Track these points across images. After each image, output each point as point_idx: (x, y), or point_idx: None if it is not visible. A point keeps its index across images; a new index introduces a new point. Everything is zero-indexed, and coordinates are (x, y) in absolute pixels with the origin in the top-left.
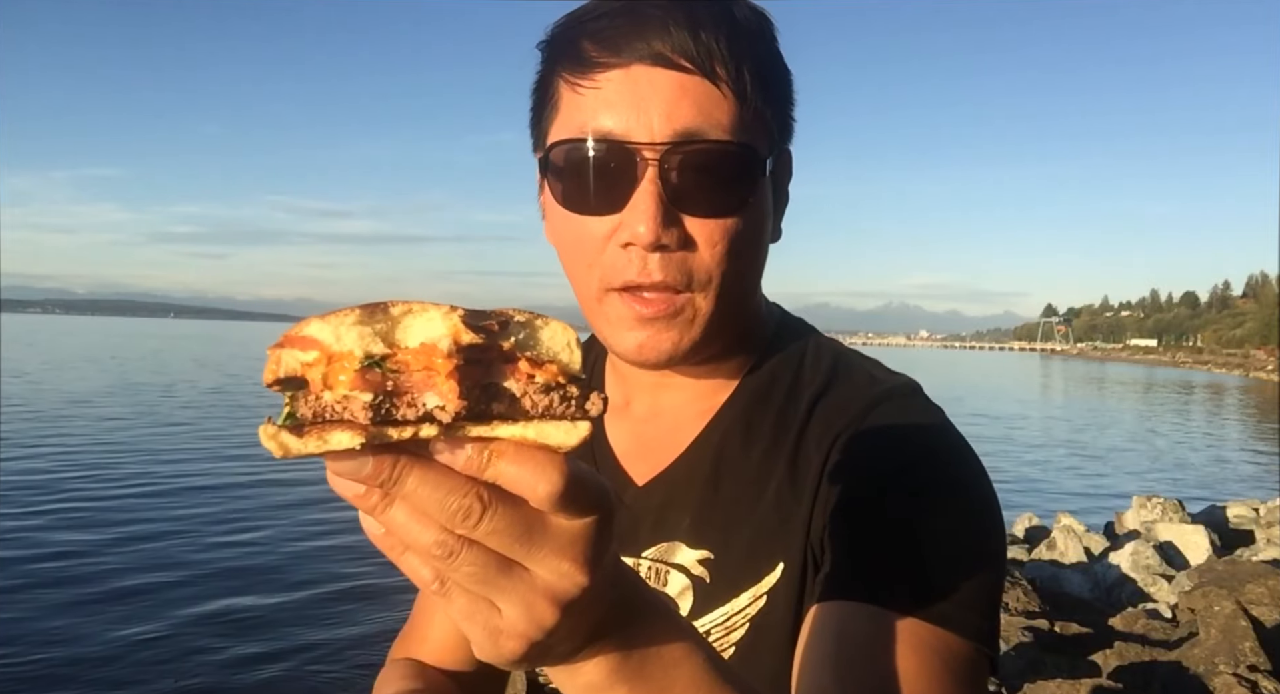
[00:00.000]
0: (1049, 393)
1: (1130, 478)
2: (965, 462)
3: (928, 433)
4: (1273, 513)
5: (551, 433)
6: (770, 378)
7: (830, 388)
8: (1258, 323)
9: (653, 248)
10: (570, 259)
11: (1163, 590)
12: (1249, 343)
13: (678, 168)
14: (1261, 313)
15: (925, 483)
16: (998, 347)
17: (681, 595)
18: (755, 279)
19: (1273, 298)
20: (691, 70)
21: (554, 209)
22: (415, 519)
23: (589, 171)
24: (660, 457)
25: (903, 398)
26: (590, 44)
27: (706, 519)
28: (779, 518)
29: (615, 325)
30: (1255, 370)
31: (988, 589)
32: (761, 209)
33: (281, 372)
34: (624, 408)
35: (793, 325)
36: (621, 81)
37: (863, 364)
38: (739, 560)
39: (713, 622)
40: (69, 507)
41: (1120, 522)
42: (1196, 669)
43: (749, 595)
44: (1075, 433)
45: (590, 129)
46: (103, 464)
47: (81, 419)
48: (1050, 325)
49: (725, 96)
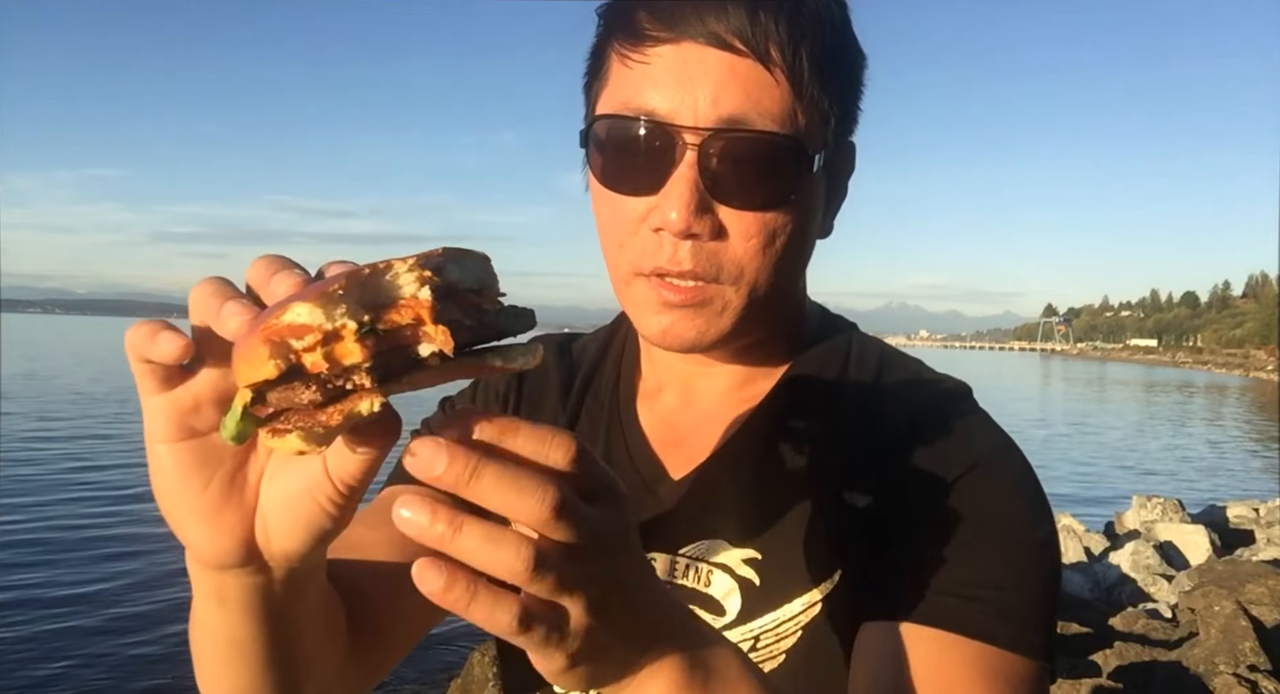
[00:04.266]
0: (1049, 393)
1: (1130, 478)
2: (1024, 469)
3: (985, 439)
4: (1273, 513)
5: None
6: (816, 373)
7: (880, 387)
8: (1258, 323)
9: (684, 236)
10: (605, 236)
11: (1163, 590)
12: (1249, 343)
13: (718, 155)
14: (1261, 313)
15: (990, 494)
16: (998, 347)
17: (727, 597)
18: (794, 275)
19: (1273, 298)
20: (745, 52)
21: (594, 183)
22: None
23: (628, 149)
24: (695, 447)
25: (955, 399)
26: (646, 15)
27: (751, 517)
28: (835, 522)
29: (641, 308)
30: (1255, 370)
31: (1051, 604)
32: (807, 205)
33: (273, 372)
34: (656, 394)
35: (834, 321)
36: (671, 59)
37: (909, 363)
38: (791, 564)
39: (763, 627)
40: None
41: (1120, 522)
42: (1196, 669)
43: (803, 601)
44: (1075, 433)
45: (634, 106)
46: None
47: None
48: (1050, 325)
49: (778, 83)
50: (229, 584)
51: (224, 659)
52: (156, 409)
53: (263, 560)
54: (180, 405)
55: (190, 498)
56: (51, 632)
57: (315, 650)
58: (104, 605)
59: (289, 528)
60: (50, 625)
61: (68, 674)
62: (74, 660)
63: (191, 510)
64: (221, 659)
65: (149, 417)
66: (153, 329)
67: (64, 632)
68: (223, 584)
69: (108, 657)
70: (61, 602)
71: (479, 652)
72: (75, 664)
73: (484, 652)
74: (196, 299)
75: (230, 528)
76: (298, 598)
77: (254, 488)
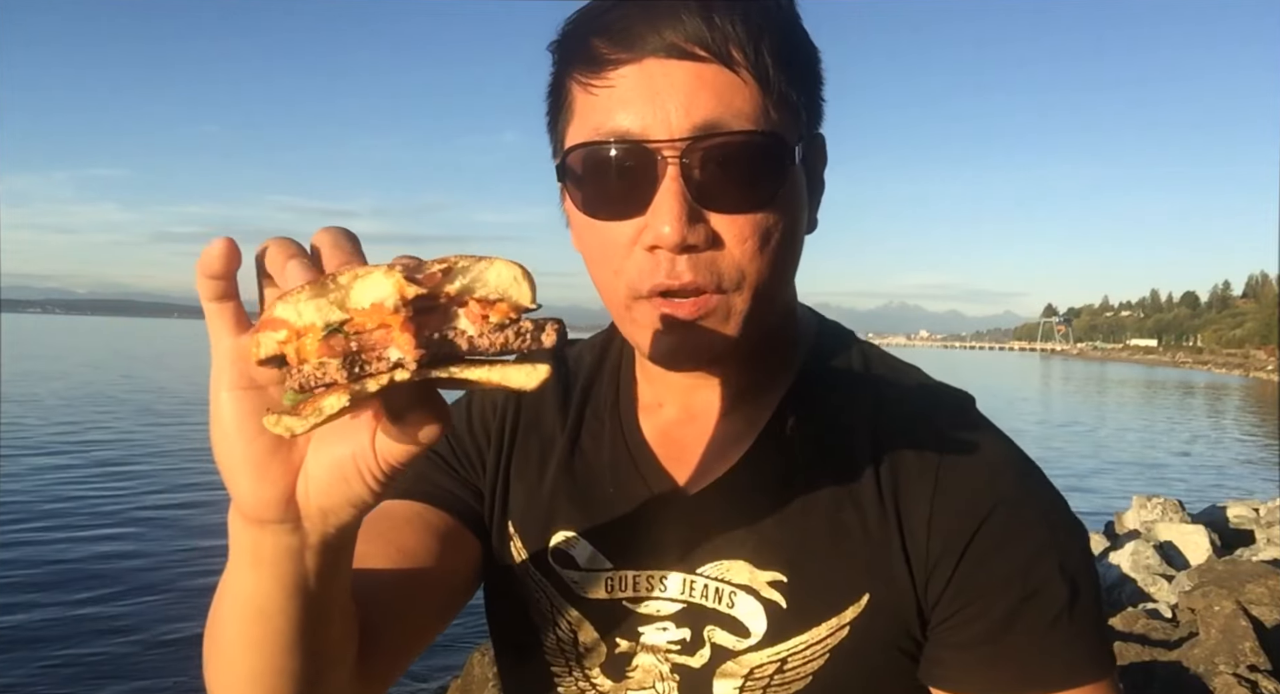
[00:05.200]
0: (1049, 393)
1: (1130, 477)
2: (1049, 491)
3: (1009, 472)
4: (1273, 513)
5: (514, 375)
6: (824, 387)
7: (887, 401)
8: (1258, 323)
9: (679, 249)
10: (596, 267)
11: (1163, 590)
12: (1249, 343)
13: (700, 163)
14: (1261, 313)
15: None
16: (998, 347)
17: (752, 618)
18: (790, 274)
19: (1273, 298)
20: (708, 58)
21: (576, 216)
22: None
23: (607, 174)
24: (701, 462)
25: (964, 413)
26: (600, 40)
27: (773, 539)
28: (860, 545)
29: (645, 330)
30: (1255, 370)
31: (1105, 618)
32: (793, 200)
33: (263, 353)
34: (656, 408)
35: (832, 328)
36: (635, 77)
37: (912, 373)
38: (818, 586)
39: (790, 650)
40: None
41: (1120, 521)
42: (1196, 669)
43: (829, 626)
44: (1075, 433)
45: (605, 130)
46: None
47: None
48: (1050, 325)
49: (746, 83)
50: (266, 543)
51: (248, 636)
52: (224, 354)
53: (300, 520)
54: (246, 353)
55: (242, 445)
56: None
57: (336, 645)
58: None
59: (328, 487)
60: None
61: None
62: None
63: (243, 458)
64: (245, 637)
65: (216, 362)
66: (210, 247)
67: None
68: (260, 542)
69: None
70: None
71: (479, 652)
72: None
73: (484, 652)
74: (270, 256)
75: (275, 479)
76: (328, 574)
77: (302, 447)
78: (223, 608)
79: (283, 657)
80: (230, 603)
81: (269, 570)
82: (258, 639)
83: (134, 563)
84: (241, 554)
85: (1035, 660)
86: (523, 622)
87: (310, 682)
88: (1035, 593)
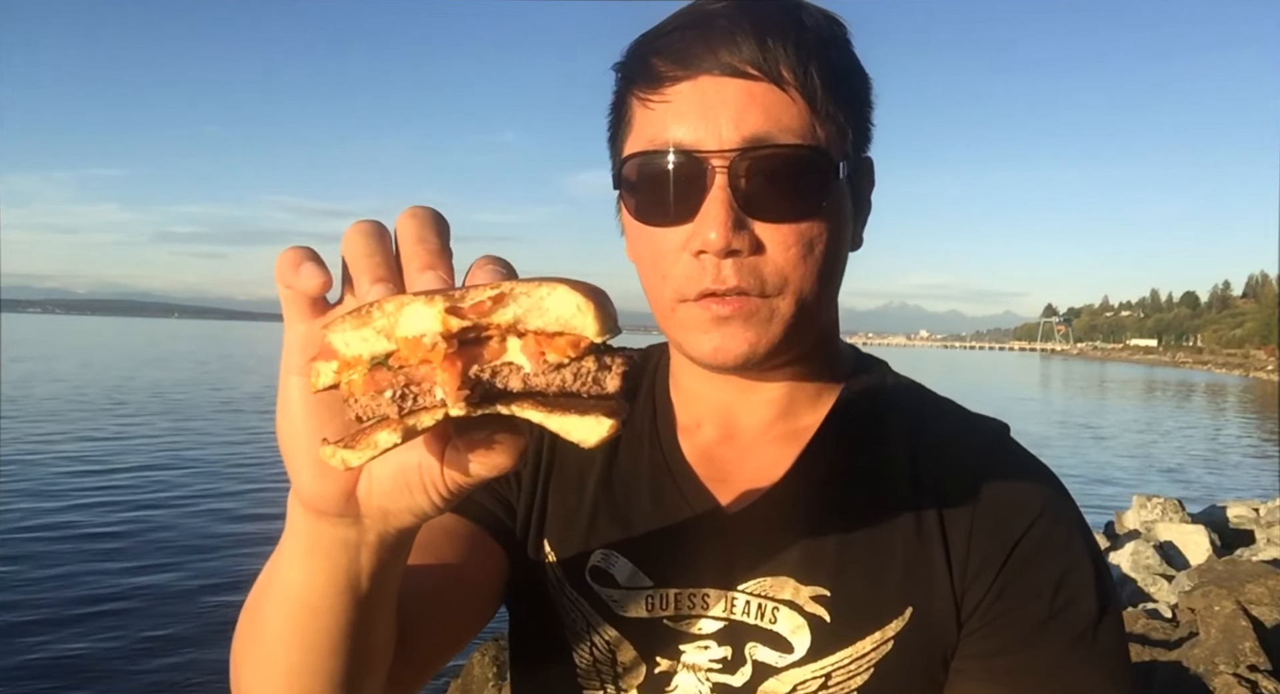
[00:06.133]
0: (1049, 393)
1: (1130, 478)
2: (1075, 510)
3: (1039, 489)
4: (1273, 513)
5: (575, 428)
6: (863, 408)
7: (927, 422)
8: (1258, 323)
9: (724, 254)
10: (647, 273)
11: (1163, 590)
12: (1249, 343)
13: (747, 173)
14: (1261, 313)
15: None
16: (998, 347)
17: (795, 634)
18: (832, 287)
19: (1273, 298)
20: (759, 77)
21: (630, 224)
22: None
23: (659, 182)
24: (742, 481)
25: (999, 435)
26: (660, 60)
27: (817, 554)
28: (902, 559)
29: (690, 330)
30: (1255, 370)
31: (1126, 642)
32: (837, 214)
33: (319, 384)
34: (694, 429)
35: (867, 360)
36: (691, 93)
37: (945, 403)
38: (861, 601)
39: (835, 665)
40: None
41: (1120, 521)
42: (1196, 669)
43: (873, 640)
44: (1075, 432)
45: (660, 141)
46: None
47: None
48: (1050, 325)
49: (794, 100)
50: (323, 533)
51: (293, 633)
52: (296, 339)
53: (359, 515)
54: (318, 340)
55: (308, 434)
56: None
57: (377, 651)
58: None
59: (391, 488)
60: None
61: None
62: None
63: (308, 447)
64: (290, 633)
65: (288, 346)
66: (298, 258)
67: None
68: (316, 532)
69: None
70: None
71: (479, 652)
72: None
73: (484, 652)
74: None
75: (337, 475)
76: (382, 574)
77: None
78: (268, 601)
79: (325, 657)
80: (278, 596)
81: (324, 562)
82: (302, 636)
83: (133, 562)
84: (297, 541)
85: (1058, 674)
86: (554, 642)
87: (346, 687)
88: (1066, 606)
